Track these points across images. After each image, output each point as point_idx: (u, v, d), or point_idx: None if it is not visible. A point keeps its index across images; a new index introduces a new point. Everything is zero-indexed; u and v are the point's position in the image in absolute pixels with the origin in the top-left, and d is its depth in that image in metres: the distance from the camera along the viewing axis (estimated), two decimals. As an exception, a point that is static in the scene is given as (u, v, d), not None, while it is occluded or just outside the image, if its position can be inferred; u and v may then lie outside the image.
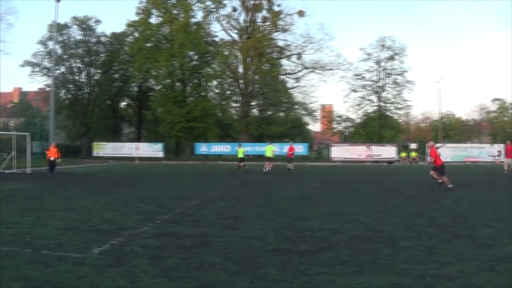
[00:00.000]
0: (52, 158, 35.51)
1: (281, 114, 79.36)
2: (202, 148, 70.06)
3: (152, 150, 70.83)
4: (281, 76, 78.03)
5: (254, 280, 7.80)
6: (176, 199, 19.17)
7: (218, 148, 69.54)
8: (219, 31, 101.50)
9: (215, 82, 79.83)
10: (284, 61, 79.04)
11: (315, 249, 10.17)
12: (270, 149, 40.12)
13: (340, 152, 66.28)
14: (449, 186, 22.84)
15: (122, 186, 26.84)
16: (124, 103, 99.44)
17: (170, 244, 10.66)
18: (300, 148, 67.80)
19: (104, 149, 74.27)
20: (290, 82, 78.95)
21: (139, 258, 9.32)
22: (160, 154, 69.90)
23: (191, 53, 72.15)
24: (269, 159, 39.76)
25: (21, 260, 9.10)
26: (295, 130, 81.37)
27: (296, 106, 77.15)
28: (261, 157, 57.25)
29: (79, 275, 8.08)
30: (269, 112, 78.23)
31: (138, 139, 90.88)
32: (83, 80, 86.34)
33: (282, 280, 7.85)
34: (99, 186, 26.51)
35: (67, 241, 10.96)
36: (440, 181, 23.36)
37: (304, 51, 74.77)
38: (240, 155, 42.35)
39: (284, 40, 76.06)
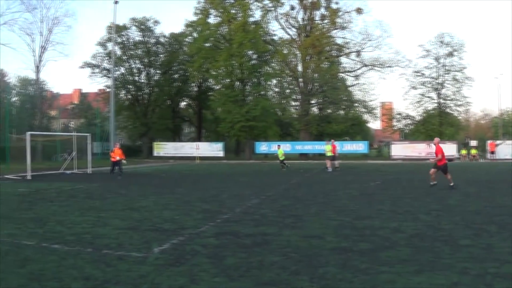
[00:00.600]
0: (118, 158, 35.56)
1: (341, 112, 78.71)
2: (262, 147, 70.00)
3: (212, 149, 71.07)
4: (340, 74, 77.49)
5: (313, 279, 7.75)
6: (237, 198, 19.19)
7: (277, 146, 69.30)
8: (277, 30, 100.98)
9: (274, 81, 79.82)
10: (343, 59, 78.61)
11: (375, 248, 10.08)
12: (329, 148, 39.55)
13: (400, 150, 65.61)
14: (451, 184, 22.47)
15: (182, 185, 26.98)
16: (184, 103, 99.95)
17: (230, 243, 10.66)
18: (360, 146, 67.56)
19: (165, 149, 74.81)
20: (350, 80, 78.47)
21: (200, 257, 9.34)
22: (221, 154, 70.06)
23: (250, 52, 72.21)
24: (331, 157, 39.46)
25: (82, 259, 9.21)
26: (355, 128, 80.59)
27: (356, 104, 76.36)
28: (321, 156, 57.02)
29: (140, 274, 8.14)
30: (329, 110, 77.61)
31: (198, 138, 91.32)
32: (142, 80, 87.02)
33: (342, 279, 7.79)
34: (159, 186, 26.68)
35: (128, 240, 11.07)
36: (451, 184, 22.75)
37: (363, 48, 74.30)
38: (280, 157, 42.57)
39: (342, 37, 75.63)
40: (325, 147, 40.56)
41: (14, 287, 7.48)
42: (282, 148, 44.67)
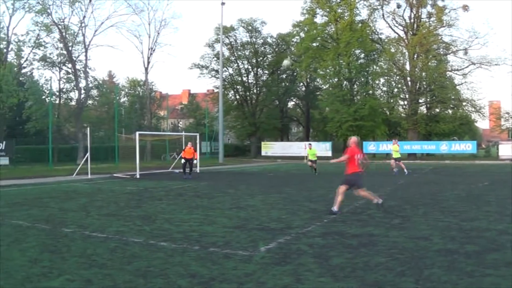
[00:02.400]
0: (191, 158, 35.51)
1: (449, 111, 77.46)
2: (370, 147, 69.42)
3: (320, 149, 70.86)
4: (448, 73, 76.06)
5: (419, 281, 7.61)
6: (344, 198, 19.13)
7: (386, 146, 68.51)
8: (384, 28, 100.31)
9: (382, 80, 79.20)
10: (450, 57, 77.28)
11: (482, 250, 9.84)
12: (396, 148, 37.78)
13: (508, 150, 63.84)
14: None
15: (290, 185, 27.03)
16: (292, 103, 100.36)
17: (336, 243, 10.58)
18: (468, 146, 66.15)
19: (273, 148, 75.23)
20: (457, 79, 77.03)
21: (305, 256, 9.30)
22: (329, 153, 69.76)
23: (357, 51, 72.08)
24: (398, 159, 38.67)
25: (188, 257, 9.31)
26: (463, 128, 79.10)
27: (464, 103, 74.96)
28: (429, 156, 56.26)
29: (245, 272, 8.17)
30: (437, 110, 76.20)
31: (306, 138, 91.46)
32: (250, 81, 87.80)
33: (447, 281, 7.63)
34: (267, 185, 26.81)
35: (235, 239, 11.14)
36: None
37: (470, 46, 72.46)
38: (311, 157, 39.45)
39: (449, 35, 74.28)
40: (392, 147, 38.78)
41: (121, 283, 7.62)
42: (314, 147, 42.32)
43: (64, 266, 8.68)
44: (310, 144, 43.68)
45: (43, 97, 61.56)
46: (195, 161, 36.99)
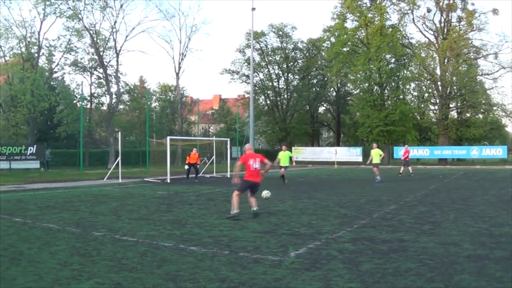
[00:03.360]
0: (195, 163, 35.76)
1: (479, 116, 76.91)
2: (401, 152, 68.98)
3: (351, 154, 70.90)
4: (479, 77, 75.56)
5: (448, 287, 7.60)
6: (374, 204, 19.03)
7: (417, 151, 68.18)
8: (414, 33, 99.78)
9: (412, 85, 78.91)
10: (480, 61, 76.78)
11: (511, 256, 9.81)
12: (377, 154, 34.28)
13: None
14: None
15: (320, 190, 26.98)
16: (323, 108, 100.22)
17: (366, 248, 10.56)
18: (498, 151, 65.70)
19: (303, 153, 75.22)
20: (488, 83, 76.43)
21: (335, 262, 9.29)
22: (359, 159, 69.71)
23: (388, 56, 71.79)
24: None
25: (218, 261, 9.35)
26: (493, 132, 78.69)
27: (494, 108, 74.38)
28: (459, 161, 55.90)
29: (275, 277, 8.17)
30: (468, 114, 75.82)
31: (337, 143, 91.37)
32: (281, 86, 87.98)
33: (476, 287, 7.61)
34: (297, 190, 26.79)
35: (264, 244, 11.15)
36: None
37: (500, 50, 71.84)
38: (283, 162, 32.31)
39: (479, 39, 73.66)
40: (372, 152, 34.52)
41: (150, 287, 7.66)
42: (288, 151, 35.29)
43: (94, 269, 8.77)
44: (284, 147, 36.18)
45: (74, 101, 62.21)
46: (198, 166, 36.92)
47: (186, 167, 35.97)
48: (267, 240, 11.54)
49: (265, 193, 17.62)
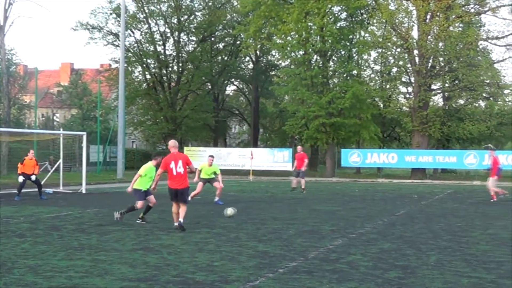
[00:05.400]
0: (32, 173, 35.63)
1: (480, 103, 77.20)
2: (353, 158, 69.07)
3: (275, 159, 70.62)
4: (482, 43, 75.62)
5: None
6: (310, 237, 19.15)
7: (377, 157, 68.31)
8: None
9: (374, 54, 79.42)
10: (485, 18, 76.99)
11: None
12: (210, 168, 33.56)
13: None
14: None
15: (224, 216, 26.99)
16: (232, 88, 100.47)
17: None
18: (511, 159, 65.94)
19: (202, 157, 74.70)
20: (497, 52, 77.14)
21: None
22: (288, 166, 67.91)
23: (336, 8, 72.07)
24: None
25: None
26: (502, 130, 78.50)
27: (506, 91, 74.11)
28: (445, 173, 56.44)
29: None
30: (461, 101, 76.01)
31: (253, 142, 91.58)
32: (169, 52, 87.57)
33: None
34: (191, 215, 26.69)
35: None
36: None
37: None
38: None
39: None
40: (202, 166, 33.90)
41: None
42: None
43: None
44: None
45: None
46: (34, 177, 36.05)
47: (21, 179, 35.34)
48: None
49: (230, 211, 18.10)
